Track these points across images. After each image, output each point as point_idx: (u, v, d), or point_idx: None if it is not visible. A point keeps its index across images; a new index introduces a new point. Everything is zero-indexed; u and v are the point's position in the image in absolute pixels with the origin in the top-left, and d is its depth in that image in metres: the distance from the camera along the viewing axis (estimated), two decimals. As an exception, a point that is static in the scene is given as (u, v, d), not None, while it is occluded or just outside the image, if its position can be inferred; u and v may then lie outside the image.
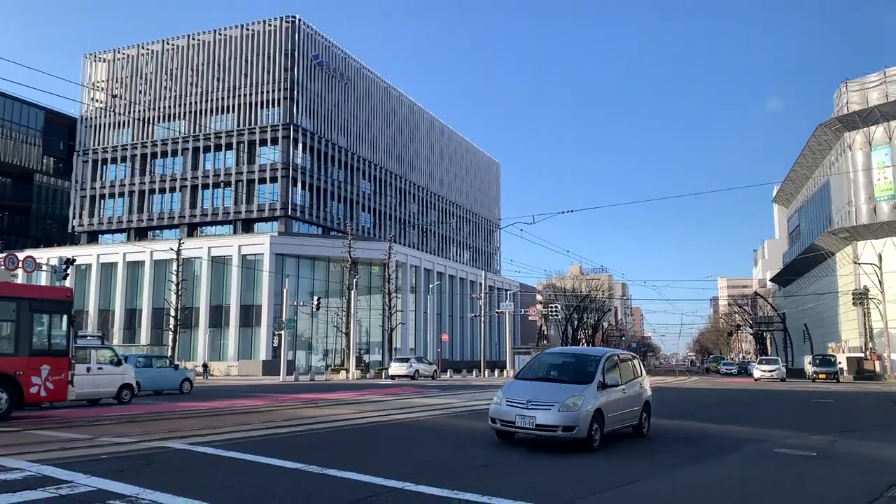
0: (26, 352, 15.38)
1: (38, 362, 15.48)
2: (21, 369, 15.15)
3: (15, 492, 6.87)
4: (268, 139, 70.27)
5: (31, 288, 20.44)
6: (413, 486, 7.41)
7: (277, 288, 56.91)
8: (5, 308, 15.30)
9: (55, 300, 16.60)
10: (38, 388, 15.37)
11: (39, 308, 15.92)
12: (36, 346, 15.66)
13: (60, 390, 15.94)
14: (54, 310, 16.30)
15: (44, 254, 56.76)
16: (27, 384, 15.18)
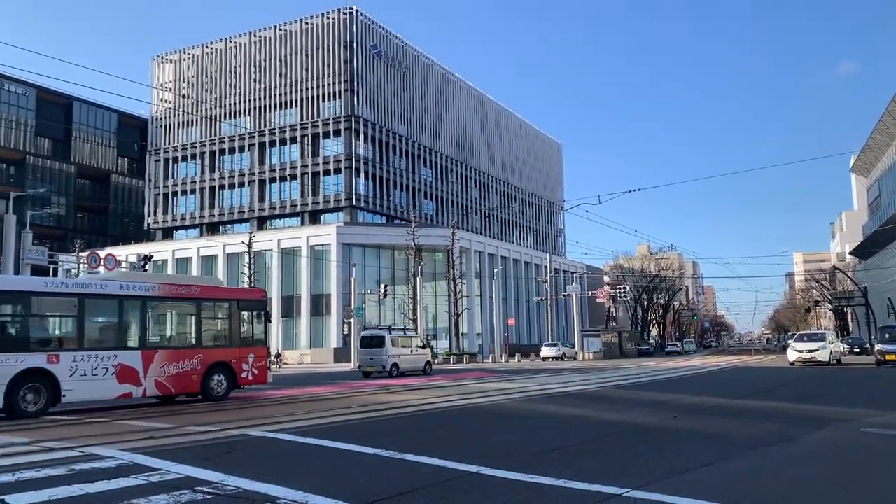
0: (237, 343, 18.88)
1: (245, 352, 18.96)
2: (234, 358, 18.66)
3: (110, 479, 7.24)
4: (330, 131, 71.30)
5: (235, 290, 23.79)
6: (488, 471, 7.46)
7: (345, 277, 57.89)
8: (222, 307, 18.87)
9: (255, 300, 20.12)
10: (246, 373, 18.88)
11: (244, 307, 19.40)
12: (243, 339, 19.08)
13: (262, 375, 19.46)
14: (254, 307, 19.75)
15: (122, 251, 59.20)
16: (239, 370, 18.69)
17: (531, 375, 29.45)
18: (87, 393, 15.84)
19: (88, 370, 15.67)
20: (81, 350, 15.70)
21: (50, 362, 15.13)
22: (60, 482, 7.12)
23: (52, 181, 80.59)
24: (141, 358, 16.73)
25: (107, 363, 16.03)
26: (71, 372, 15.38)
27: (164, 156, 79.85)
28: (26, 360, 14.81)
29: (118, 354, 16.32)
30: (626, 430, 11.01)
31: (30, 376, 14.78)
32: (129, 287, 17.08)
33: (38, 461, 8.55)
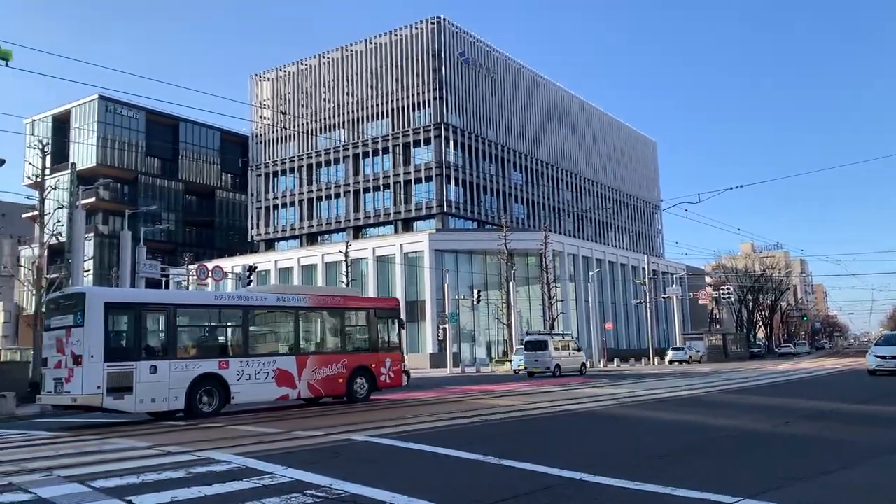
0: (376, 349, 20.31)
1: (383, 357, 20.37)
2: (374, 362, 20.05)
3: (225, 482, 7.59)
4: (421, 140, 72.27)
5: (373, 299, 25.95)
6: (591, 477, 7.35)
7: (439, 283, 58.42)
8: (361, 316, 20.45)
9: (390, 308, 21.63)
10: (384, 376, 20.28)
11: (381, 315, 20.85)
12: (381, 345, 20.51)
13: (398, 378, 20.95)
14: (390, 315, 21.21)
15: (228, 263, 61.96)
16: (378, 374, 20.08)
17: (631, 380, 28.79)
18: (252, 395, 17.49)
19: (252, 374, 17.29)
20: (246, 356, 17.36)
21: (221, 368, 16.79)
22: (180, 485, 7.52)
23: (161, 198, 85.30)
24: (296, 363, 18.25)
25: (267, 368, 17.62)
26: (238, 376, 17.00)
27: (264, 170, 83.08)
28: (202, 365, 16.50)
29: (276, 360, 17.95)
30: (735, 435, 10.60)
31: (205, 380, 16.44)
32: (284, 299, 18.81)
33: (158, 464, 9.06)
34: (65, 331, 15.40)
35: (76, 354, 14.99)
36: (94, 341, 15.02)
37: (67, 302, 16.04)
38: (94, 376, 14.89)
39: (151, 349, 16.20)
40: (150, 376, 15.65)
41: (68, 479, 8.04)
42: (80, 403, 15.19)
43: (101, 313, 15.27)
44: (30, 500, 6.92)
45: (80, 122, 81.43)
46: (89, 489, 7.34)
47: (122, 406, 15.37)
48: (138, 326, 16.07)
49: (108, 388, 15.02)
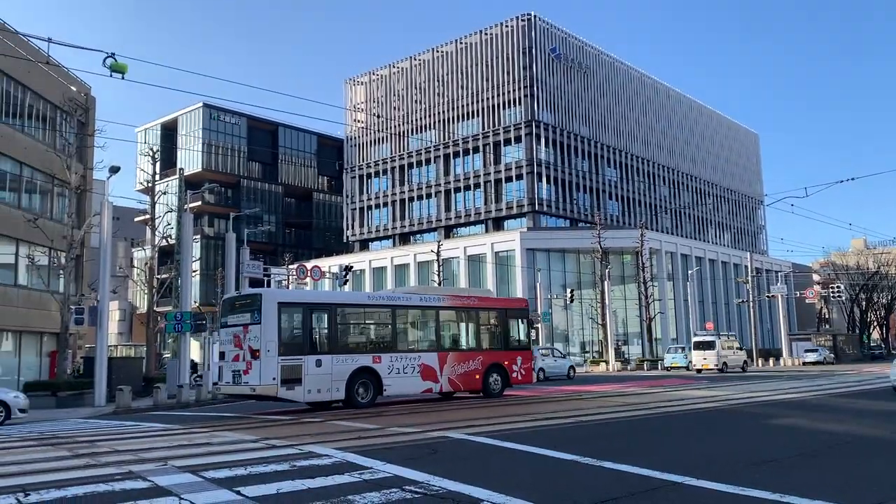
0: (508, 347, 21.38)
1: (515, 355, 21.40)
2: (506, 360, 21.10)
3: (327, 476, 7.81)
4: (511, 138, 72.02)
5: (504, 300, 26.81)
6: (693, 481, 7.13)
7: (530, 282, 58.05)
8: (494, 315, 21.47)
9: (519, 308, 22.49)
10: (516, 373, 21.31)
11: (512, 314, 21.84)
12: (512, 343, 21.54)
13: (529, 376, 21.98)
14: (520, 315, 22.11)
15: (325, 262, 63.70)
16: (510, 370, 21.10)
17: (734, 382, 27.71)
18: (400, 388, 18.84)
19: (401, 369, 18.70)
20: (395, 352, 18.77)
21: (374, 362, 18.22)
22: (285, 477, 7.80)
23: (262, 201, 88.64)
24: (438, 359, 19.56)
25: (413, 363, 19.01)
26: (389, 370, 18.42)
27: (358, 172, 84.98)
28: (358, 360, 18.01)
29: (421, 356, 19.30)
30: (849, 441, 10.03)
31: (361, 374, 17.87)
32: (426, 299, 20.30)
33: (264, 457, 9.43)
34: (242, 328, 17.02)
35: (254, 349, 16.56)
36: (270, 337, 16.57)
37: (244, 302, 17.66)
38: (270, 369, 16.41)
39: (316, 345, 17.63)
40: (316, 369, 17.10)
41: (182, 469, 8.49)
42: (259, 393, 16.66)
43: (275, 312, 16.86)
44: (148, 487, 7.35)
45: (187, 129, 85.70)
46: (201, 479, 7.73)
47: (292, 396, 16.90)
48: (305, 324, 17.60)
49: (282, 380, 16.54)
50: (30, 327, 33.28)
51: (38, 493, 7.20)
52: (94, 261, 32.36)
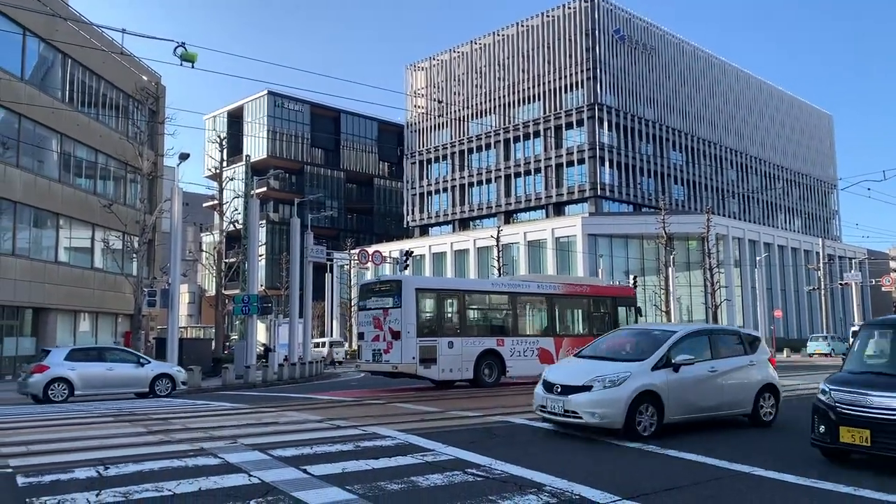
0: None
1: None
2: None
3: (390, 457, 7.94)
4: (573, 122, 71.05)
5: (613, 288, 27.77)
6: (761, 472, 6.99)
7: (592, 268, 57.39)
8: (605, 302, 22.46)
9: (627, 296, 23.74)
10: None
11: (621, 302, 22.89)
12: None
13: None
14: (628, 303, 23.21)
15: (386, 248, 64.31)
16: None
17: (801, 372, 26.87)
18: (521, 370, 19.61)
19: (521, 352, 19.76)
20: (516, 336, 19.92)
21: (498, 345, 19.34)
22: (349, 457, 7.97)
23: (325, 187, 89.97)
24: (553, 343, 20.56)
25: (532, 347, 20.07)
26: (511, 353, 19.50)
27: (418, 158, 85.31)
28: (484, 343, 19.16)
29: (539, 340, 20.37)
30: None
31: (487, 356, 19.01)
32: (542, 286, 21.29)
33: (329, 437, 9.64)
34: (382, 311, 18.47)
35: (395, 331, 17.99)
36: (410, 320, 17.98)
37: (385, 287, 19.02)
38: (410, 349, 17.83)
39: (448, 328, 18.90)
40: (449, 350, 18.43)
41: (250, 447, 8.75)
42: (400, 370, 18.08)
43: (413, 297, 18.24)
44: (219, 464, 7.62)
45: (252, 116, 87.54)
46: (269, 457, 7.96)
47: (429, 374, 18.27)
48: (439, 308, 19.09)
49: (420, 359, 17.93)
50: (105, 308, 34.75)
51: (116, 466, 7.54)
52: (165, 245, 33.51)
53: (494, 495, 6.10)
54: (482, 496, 6.08)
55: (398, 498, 6.04)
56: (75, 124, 32.27)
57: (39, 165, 30.86)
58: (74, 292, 32.17)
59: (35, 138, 30.20)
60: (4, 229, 28.64)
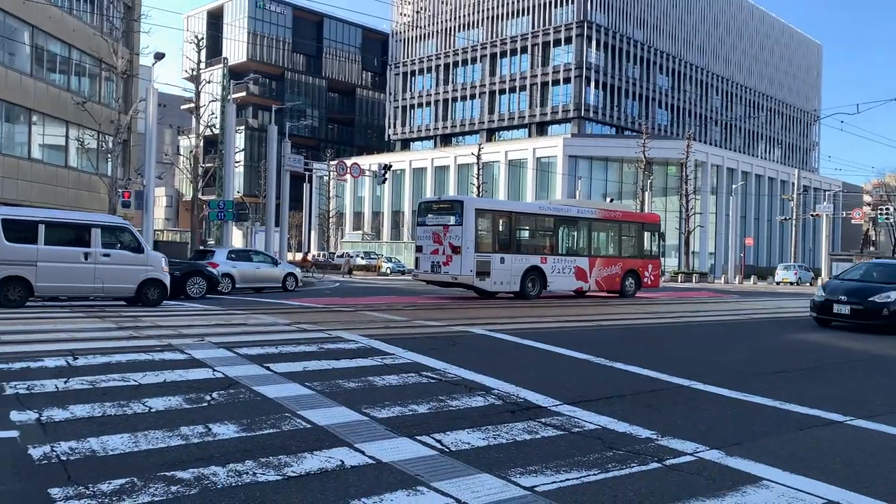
0: (642, 255, 24.73)
1: (646, 263, 24.82)
2: (639, 267, 24.47)
3: (351, 359, 8.31)
4: (561, 39, 69.72)
5: (640, 214, 30.07)
6: (700, 385, 7.42)
7: (570, 190, 57.67)
8: (633, 227, 24.66)
9: (654, 223, 25.91)
10: (647, 279, 24.79)
11: (647, 228, 25.10)
12: (645, 253, 24.87)
13: (657, 282, 25.60)
14: (653, 229, 25.45)
15: (366, 160, 63.91)
16: (642, 276, 24.57)
17: (765, 298, 27.74)
18: (560, 285, 22.17)
19: (560, 269, 21.98)
20: (557, 255, 22.08)
21: (541, 262, 21.44)
22: (312, 357, 8.32)
23: (306, 94, 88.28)
24: (588, 263, 22.83)
25: (570, 265, 22.30)
26: (552, 270, 21.67)
27: (402, 70, 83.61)
28: (530, 260, 21.24)
29: (576, 259, 22.58)
30: (867, 360, 10.17)
31: (531, 272, 21.10)
32: (581, 211, 23.50)
33: (294, 339, 10.00)
34: (442, 227, 20.35)
35: (455, 245, 19.89)
36: (469, 237, 19.88)
37: (444, 206, 21.03)
38: (468, 262, 19.78)
39: (501, 245, 20.79)
40: (500, 265, 20.38)
41: (217, 345, 9.08)
42: (459, 281, 20.18)
43: (473, 216, 20.09)
44: (185, 359, 7.93)
45: (232, 17, 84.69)
46: (234, 355, 8.28)
47: (483, 286, 20.28)
48: (493, 227, 20.95)
49: (477, 272, 19.87)
50: (80, 207, 34.48)
51: (85, 357, 7.82)
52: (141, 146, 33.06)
53: (444, 395, 6.47)
54: (432, 395, 6.45)
55: (353, 394, 6.39)
56: (48, 17, 31.12)
57: (10, 59, 29.92)
58: (48, 190, 31.85)
59: (5, 30, 29.19)
60: (-26, 123, 28.05)
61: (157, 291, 15.72)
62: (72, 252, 14.55)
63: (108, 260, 14.90)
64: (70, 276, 14.52)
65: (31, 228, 14.25)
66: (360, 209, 75.82)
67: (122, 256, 15.14)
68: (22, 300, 14.15)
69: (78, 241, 14.72)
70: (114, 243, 15.23)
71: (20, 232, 14.11)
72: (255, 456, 4.50)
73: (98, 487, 3.87)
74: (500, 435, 5.20)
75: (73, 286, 14.73)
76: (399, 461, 4.49)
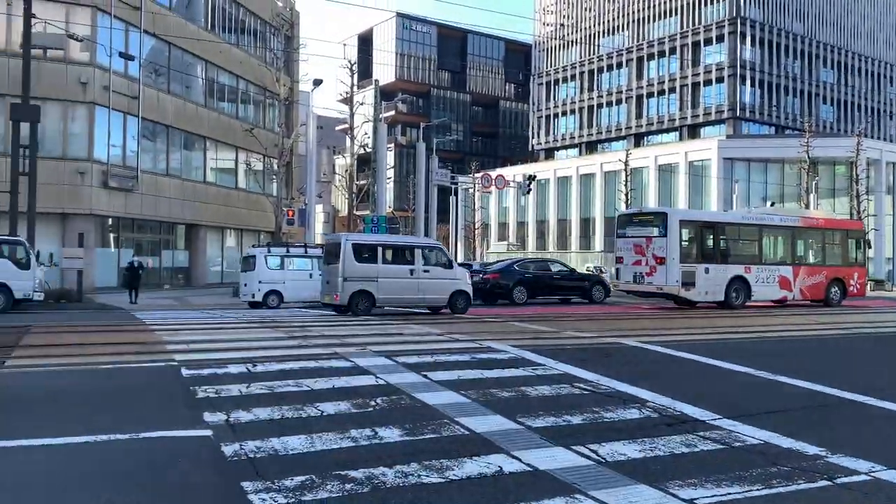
0: (846, 263, 23.76)
1: (851, 271, 23.80)
2: (844, 275, 23.49)
3: (503, 368, 8.53)
4: (713, 37, 66.79)
5: (843, 221, 29.55)
6: (873, 401, 6.95)
7: (727, 194, 54.93)
8: (836, 235, 23.97)
9: (858, 230, 25.47)
10: (852, 287, 23.64)
11: (851, 235, 24.47)
12: (849, 260, 23.95)
13: (862, 290, 24.40)
14: (857, 236, 24.79)
15: (510, 171, 64.21)
16: (847, 285, 23.41)
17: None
18: (763, 294, 21.72)
19: (764, 279, 21.57)
20: (760, 264, 21.74)
21: (745, 272, 21.16)
22: (465, 367, 8.62)
23: (451, 110, 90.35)
24: (792, 272, 22.29)
25: (773, 274, 21.86)
26: (756, 280, 21.36)
27: (545, 79, 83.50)
28: (734, 269, 21.03)
29: (779, 268, 22.11)
30: None
31: (735, 281, 20.92)
32: (784, 219, 23.36)
33: (447, 348, 10.37)
34: (644, 239, 20.44)
35: (659, 256, 19.93)
36: (673, 247, 19.93)
37: (647, 217, 21.44)
38: (673, 273, 19.78)
39: (705, 255, 20.79)
40: (705, 275, 20.32)
41: (377, 353, 9.61)
42: (664, 291, 20.32)
43: (677, 227, 20.24)
44: (349, 367, 8.48)
45: (381, 40, 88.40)
46: (393, 363, 8.74)
47: (689, 296, 20.30)
48: (697, 238, 20.95)
49: (682, 283, 19.86)
50: (249, 225, 37.41)
51: (262, 364, 8.58)
52: (302, 167, 35.35)
53: (598, 407, 6.51)
54: (586, 406, 6.51)
55: (507, 404, 6.58)
56: (218, 51, 34.16)
57: (187, 91, 33.10)
58: (221, 210, 34.81)
59: (183, 66, 32.33)
60: (159, 151, 31.23)
61: (463, 301, 17.82)
62: (401, 269, 17.31)
63: (428, 275, 17.40)
64: (401, 289, 17.14)
65: (373, 250, 17.19)
66: (504, 220, 76.31)
67: (438, 271, 17.62)
68: (367, 310, 16.67)
69: (405, 260, 17.57)
70: (431, 260, 17.63)
71: (365, 254, 17.01)
72: (419, 459, 4.80)
73: (282, 483, 4.30)
74: (656, 447, 5.19)
75: (403, 297, 17.37)
76: (555, 469, 4.62)
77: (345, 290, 16.54)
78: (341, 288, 16.54)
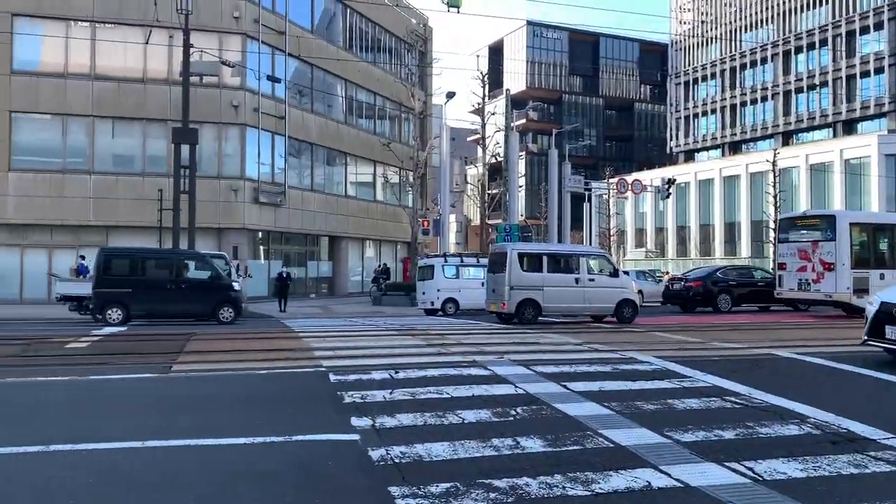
0: None
1: None
2: None
3: (648, 380, 8.24)
4: (869, 25, 61.75)
5: None
6: None
7: (889, 194, 50.52)
8: None
9: None
10: None
11: None
12: None
13: None
14: None
15: (647, 175, 62.32)
16: None
17: None
18: None
19: None
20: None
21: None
22: (607, 378, 8.41)
23: (583, 115, 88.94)
24: None
25: None
26: None
27: (683, 79, 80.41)
28: None
29: None
30: None
31: None
32: None
33: (587, 359, 10.17)
34: (810, 244, 19.65)
35: (827, 262, 19.07)
36: (844, 252, 19.00)
37: (812, 220, 20.47)
38: (843, 280, 18.85)
39: (878, 260, 19.71)
40: (880, 282, 18.58)
41: (515, 362, 9.58)
42: (834, 299, 19.21)
43: (847, 231, 19.23)
44: (488, 375, 8.51)
45: (512, 49, 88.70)
46: (532, 372, 8.68)
47: (861, 303, 18.93)
48: (870, 241, 19.91)
49: (854, 289, 18.73)
50: (386, 236, 38.62)
51: (404, 371, 8.79)
52: (435, 178, 36.08)
53: (752, 422, 6.14)
54: (738, 421, 6.16)
55: (653, 416, 6.35)
56: (357, 70, 35.60)
57: (329, 110, 34.72)
58: (361, 222, 36.18)
59: (324, 85, 33.96)
60: (304, 168, 32.94)
61: (630, 310, 17.51)
62: (566, 278, 17.27)
63: (593, 284, 17.32)
64: (566, 298, 17.13)
65: (538, 259, 17.47)
66: (641, 225, 74.07)
67: (603, 280, 17.55)
68: (533, 319, 16.89)
69: (569, 269, 17.49)
70: (595, 269, 17.67)
71: (530, 263, 17.26)
72: (563, 470, 4.73)
73: (428, 489, 4.37)
74: (820, 466, 4.82)
75: (568, 306, 17.38)
76: (708, 486, 4.41)
77: (512, 299, 16.68)
78: (508, 296, 16.69)
